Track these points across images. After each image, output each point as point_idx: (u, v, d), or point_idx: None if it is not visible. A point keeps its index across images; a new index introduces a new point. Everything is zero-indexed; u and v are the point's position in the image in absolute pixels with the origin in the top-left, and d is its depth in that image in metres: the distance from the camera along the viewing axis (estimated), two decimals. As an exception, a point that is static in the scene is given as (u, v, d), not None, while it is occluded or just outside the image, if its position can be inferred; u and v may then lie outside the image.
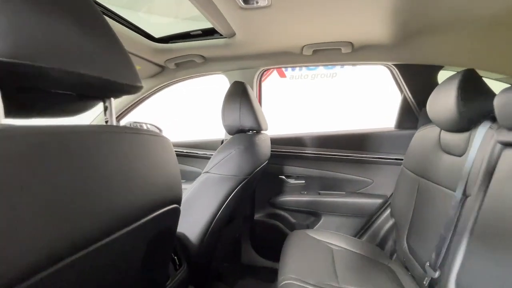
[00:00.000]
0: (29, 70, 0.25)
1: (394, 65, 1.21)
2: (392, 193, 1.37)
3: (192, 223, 0.93)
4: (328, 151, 1.46)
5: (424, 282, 0.89)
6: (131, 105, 1.65)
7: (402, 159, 1.31)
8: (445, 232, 0.85)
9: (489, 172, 0.69)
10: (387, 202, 1.37)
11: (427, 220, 0.99)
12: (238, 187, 0.95)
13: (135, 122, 1.97)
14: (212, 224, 0.94)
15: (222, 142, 1.56)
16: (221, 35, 1.10)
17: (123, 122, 1.85)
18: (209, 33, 1.15)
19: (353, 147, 1.43)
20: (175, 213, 0.50)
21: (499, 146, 0.69)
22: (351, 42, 1.08)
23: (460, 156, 0.88)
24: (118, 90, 0.39)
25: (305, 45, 1.13)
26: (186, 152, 1.71)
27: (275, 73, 4.52)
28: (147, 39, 1.17)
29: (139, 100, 1.62)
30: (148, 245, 0.45)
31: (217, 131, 1.61)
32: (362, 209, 1.41)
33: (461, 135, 0.88)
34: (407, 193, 1.16)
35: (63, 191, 0.26)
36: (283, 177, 1.53)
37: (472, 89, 0.82)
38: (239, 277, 1.48)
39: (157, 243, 0.48)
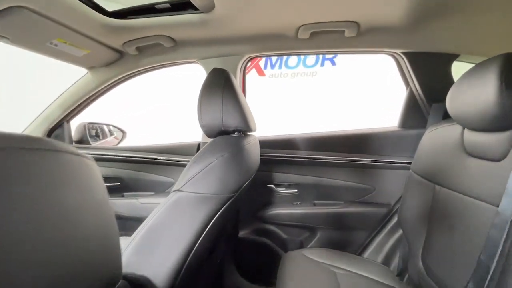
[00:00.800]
0: None
1: (402, 53, 1.03)
2: (398, 202, 1.20)
3: (159, 262, 0.67)
4: (324, 155, 1.26)
5: None
6: (85, 101, 1.32)
7: (408, 163, 1.14)
8: (486, 258, 0.67)
9: None
10: (391, 212, 1.20)
11: (452, 238, 0.82)
12: (222, 209, 0.70)
13: (91, 123, 1.63)
14: (187, 260, 0.69)
15: (199, 146, 1.30)
16: (196, 8, 0.84)
17: (76, 123, 1.51)
18: (180, 6, 0.89)
19: (351, 149, 1.24)
20: None
21: None
22: (357, 23, 0.88)
23: (498, 161, 0.71)
24: None
25: (301, 26, 0.91)
26: (153, 159, 1.42)
27: (253, 72, 4.31)
28: (97, 12, 0.88)
29: (94, 95, 1.30)
30: None
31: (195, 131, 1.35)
32: (363, 221, 1.22)
33: (498, 135, 0.71)
34: (419, 202, 0.99)
35: None
36: (272, 186, 1.30)
37: (517, 77, 0.65)
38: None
39: None
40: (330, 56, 4.06)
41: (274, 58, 4.14)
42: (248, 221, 1.33)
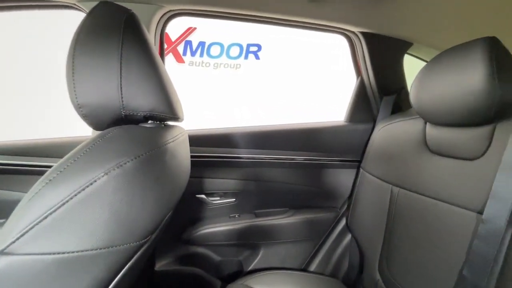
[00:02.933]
0: None
1: (361, 33, 0.89)
2: (345, 204, 1.09)
3: None
4: (265, 153, 1.03)
5: None
6: None
7: (356, 161, 1.04)
8: (471, 273, 0.57)
9: None
10: (338, 216, 1.08)
11: (420, 247, 0.71)
12: (124, 270, 0.35)
13: None
14: None
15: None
16: None
17: None
18: None
19: (295, 146, 1.05)
20: None
21: None
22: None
23: (472, 159, 0.63)
24: None
25: None
26: (6, 165, 0.87)
27: (170, 57, 3.77)
28: None
29: None
30: None
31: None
32: (310, 229, 1.06)
33: (475, 131, 0.62)
34: (373, 205, 0.88)
35: None
36: (203, 196, 0.98)
37: (508, 63, 0.56)
38: None
39: None
40: (254, 49, 3.94)
41: (195, 44, 3.72)
42: (169, 246, 0.97)
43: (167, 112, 0.47)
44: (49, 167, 0.78)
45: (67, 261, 0.30)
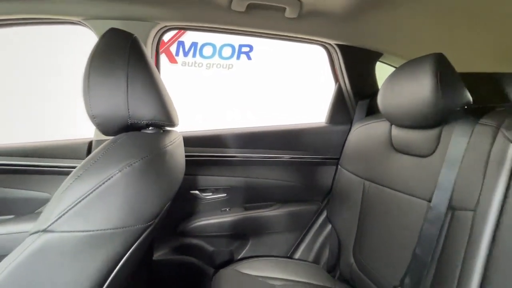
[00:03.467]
0: None
1: (337, 45, 0.99)
2: (326, 197, 1.20)
3: None
4: (253, 152, 1.13)
5: None
6: None
7: (336, 158, 1.15)
8: (422, 252, 0.69)
9: (504, 181, 0.54)
10: (320, 208, 1.19)
11: (385, 233, 0.83)
12: (133, 246, 0.45)
13: None
14: None
15: (91, 147, 0.93)
16: None
17: None
18: None
19: (281, 146, 1.16)
20: None
21: (510, 145, 0.55)
22: (300, 1, 0.76)
23: (425, 156, 0.75)
24: None
25: None
26: (19, 166, 0.94)
27: (163, 57, 3.81)
28: None
29: None
30: None
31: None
32: (295, 220, 1.17)
33: (427, 132, 0.74)
34: (348, 198, 0.99)
35: None
36: (197, 192, 1.08)
37: (449, 76, 0.67)
38: None
39: None
40: (246, 50, 4.02)
41: (187, 45, 3.77)
42: (166, 238, 1.07)
43: (165, 120, 0.57)
44: (55, 166, 0.87)
45: (92, 237, 0.39)
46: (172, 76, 3.88)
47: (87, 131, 0.96)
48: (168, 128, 0.65)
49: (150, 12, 0.80)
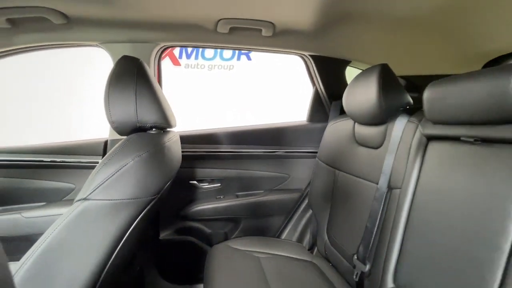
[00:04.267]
0: None
1: (310, 56, 1.17)
2: (308, 186, 1.38)
3: (66, 281, 0.55)
4: (243, 148, 1.31)
5: (354, 277, 0.89)
6: None
7: (315, 152, 1.32)
8: (371, 224, 0.86)
9: (417, 165, 0.71)
10: (303, 196, 1.37)
11: (348, 212, 1.00)
12: (141, 214, 0.64)
13: None
14: (102, 276, 0.60)
15: (106, 145, 1.13)
16: (95, -19, 0.71)
17: None
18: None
19: (268, 142, 1.34)
20: None
21: (424, 139, 0.72)
22: (273, 23, 0.94)
23: (376, 148, 0.92)
24: None
25: (220, 19, 0.90)
26: (47, 161, 1.15)
27: (167, 60, 4.01)
28: None
29: None
30: None
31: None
32: (280, 206, 1.35)
33: (377, 128, 0.91)
34: (323, 185, 1.17)
35: None
36: (195, 182, 1.27)
37: (390, 83, 0.84)
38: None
39: None
40: (246, 51, 4.18)
41: (190, 48, 3.96)
42: (170, 221, 1.26)
43: (164, 123, 0.76)
44: (77, 162, 1.08)
45: (114, 204, 0.58)
46: (176, 78, 4.09)
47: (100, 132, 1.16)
48: (168, 129, 0.84)
49: (152, 36, 0.99)
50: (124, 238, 0.62)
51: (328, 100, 1.27)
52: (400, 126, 0.82)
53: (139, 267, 1.11)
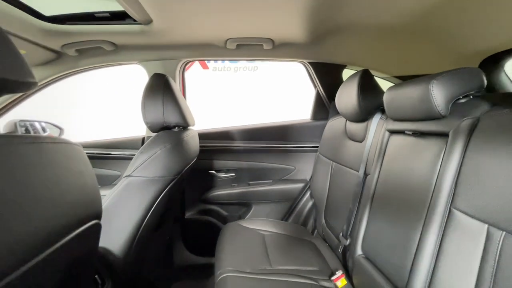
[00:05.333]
0: None
1: (309, 62, 1.34)
2: (311, 177, 1.55)
3: (115, 235, 0.82)
4: (255, 143, 1.53)
5: (339, 250, 1.06)
6: (15, 100, 1.30)
7: (317, 147, 1.49)
8: (352, 205, 1.02)
9: (382, 154, 0.86)
10: (307, 185, 1.54)
11: (339, 197, 1.17)
12: (166, 189, 0.89)
13: (22, 121, 1.58)
14: (139, 232, 0.86)
15: (143, 140, 1.42)
16: (135, 20, 0.98)
17: (4, 121, 1.45)
18: (120, 16, 1.00)
19: (276, 138, 1.53)
20: (96, 230, 0.43)
21: (387, 133, 0.87)
22: (271, 39, 1.13)
23: (360, 142, 1.07)
24: (3, 88, 0.30)
25: (229, 39, 1.13)
26: (100, 154, 1.48)
27: (197, 64, 4.37)
28: (33, 17, 0.93)
29: (25, 93, 1.29)
30: (66, 273, 0.37)
31: (137, 128, 1.46)
32: (287, 194, 1.54)
33: (360, 125, 1.06)
34: (323, 176, 1.33)
35: None
36: (214, 171, 1.52)
37: (368, 86, 0.99)
38: (173, 280, 1.41)
39: (75, 268, 0.40)
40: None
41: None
42: (193, 204, 1.53)
43: (184, 123, 1.00)
44: (124, 154, 1.41)
45: (148, 180, 0.84)
46: (205, 80, 4.44)
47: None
48: (187, 128, 1.09)
49: (176, 54, 1.26)
50: (154, 205, 0.88)
51: (328, 100, 1.42)
52: (375, 122, 0.97)
53: (169, 237, 1.39)
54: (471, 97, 0.62)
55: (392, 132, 0.84)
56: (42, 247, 0.31)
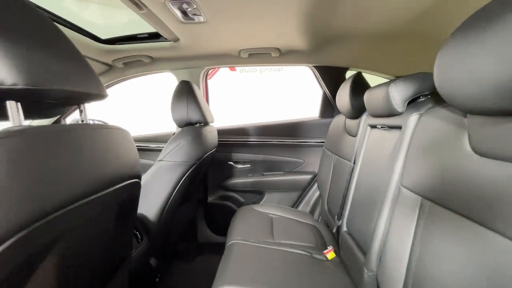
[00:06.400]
0: (39, 92, 0.41)
1: (314, 66, 1.50)
2: (318, 170, 1.70)
3: (150, 205, 1.09)
4: (269, 139, 1.72)
5: (333, 230, 1.21)
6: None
7: (324, 142, 1.64)
8: (345, 192, 1.17)
9: (364, 146, 1.01)
10: (315, 177, 1.70)
11: (338, 186, 1.31)
12: (189, 171, 1.13)
13: (81, 119, 1.97)
14: (167, 205, 1.11)
15: (174, 134, 1.70)
16: (166, 39, 1.24)
17: (69, 120, 1.84)
18: (155, 36, 1.27)
19: (287, 134, 1.71)
20: (137, 186, 0.67)
21: (369, 128, 1.01)
22: (278, 48, 1.32)
23: (354, 136, 1.21)
24: (89, 98, 0.54)
25: (241, 50, 1.34)
26: (139, 146, 1.80)
27: (225, 68, 4.66)
28: (93, 41, 1.24)
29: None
30: (116, 212, 0.61)
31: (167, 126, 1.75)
32: (296, 184, 1.71)
33: (355, 121, 1.20)
34: (327, 168, 1.48)
35: (54, 166, 0.42)
36: (232, 163, 1.75)
37: (358, 87, 1.13)
38: (197, 254, 1.67)
39: (122, 211, 0.64)
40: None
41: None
42: (215, 190, 1.78)
43: (204, 120, 1.24)
44: (160, 147, 1.73)
45: (175, 164, 1.09)
46: (232, 81, 4.74)
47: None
48: (207, 124, 1.33)
49: (200, 63, 1.51)
50: (179, 184, 1.12)
51: (333, 99, 1.56)
52: (363, 119, 1.11)
53: (193, 216, 1.66)
54: (421, 97, 0.75)
55: (371, 126, 0.98)
56: (103, 188, 0.54)
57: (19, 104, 0.41)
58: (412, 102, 0.77)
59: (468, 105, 0.46)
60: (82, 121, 0.59)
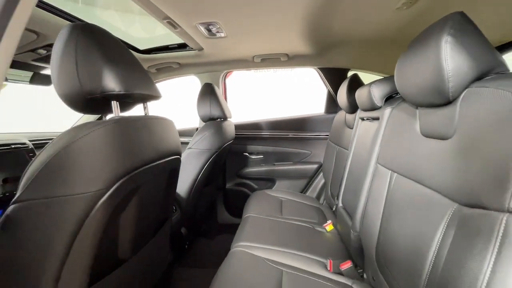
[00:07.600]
0: (129, 95, 0.66)
1: (318, 68, 1.70)
2: (323, 160, 1.91)
3: (181, 184, 1.35)
4: (279, 132, 1.95)
5: (333, 209, 1.42)
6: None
7: (328, 135, 1.84)
8: (342, 175, 1.38)
9: (355, 136, 1.21)
10: (321, 167, 1.90)
11: (338, 172, 1.52)
12: (211, 158, 1.38)
13: (145, 113, 2.30)
14: (195, 185, 1.37)
15: (197, 129, 1.97)
16: (192, 48, 1.49)
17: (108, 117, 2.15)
18: (183, 46, 1.54)
19: (296, 128, 1.93)
20: (179, 161, 0.93)
21: (360, 120, 1.21)
22: (286, 54, 1.54)
23: (351, 128, 1.41)
24: (151, 98, 0.79)
25: (255, 56, 1.57)
26: None
27: (240, 67, 4.92)
28: (132, 51, 1.52)
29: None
30: (166, 178, 0.87)
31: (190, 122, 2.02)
32: (304, 173, 1.93)
33: (352, 115, 1.40)
34: (330, 158, 1.69)
35: (136, 141, 0.67)
36: (247, 154, 1.99)
37: (353, 86, 1.33)
38: (216, 233, 1.93)
39: (169, 178, 0.90)
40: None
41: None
42: (232, 177, 2.03)
43: (223, 116, 1.49)
44: (186, 142, 1.99)
45: (200, 151, 1.35)
46: (249, 79, 4.99)
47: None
48: (226, 120, 1.57)
49: (219, 67, 1.76)
50: (204, 168, 1.38)
51: (336, 97, 1.76)
52: (358, 112, 1.31)
53: (214, 199, 1.91)
54: (397, 94, 0.95)
55: (361, 119, 1.19)
56: (160, 158, 0.79)
57: (118, 103, 0.66)
58: (390, 99, 0.97)
59: (416, 101, 0.67)
60: (146, 114, 0.85)
